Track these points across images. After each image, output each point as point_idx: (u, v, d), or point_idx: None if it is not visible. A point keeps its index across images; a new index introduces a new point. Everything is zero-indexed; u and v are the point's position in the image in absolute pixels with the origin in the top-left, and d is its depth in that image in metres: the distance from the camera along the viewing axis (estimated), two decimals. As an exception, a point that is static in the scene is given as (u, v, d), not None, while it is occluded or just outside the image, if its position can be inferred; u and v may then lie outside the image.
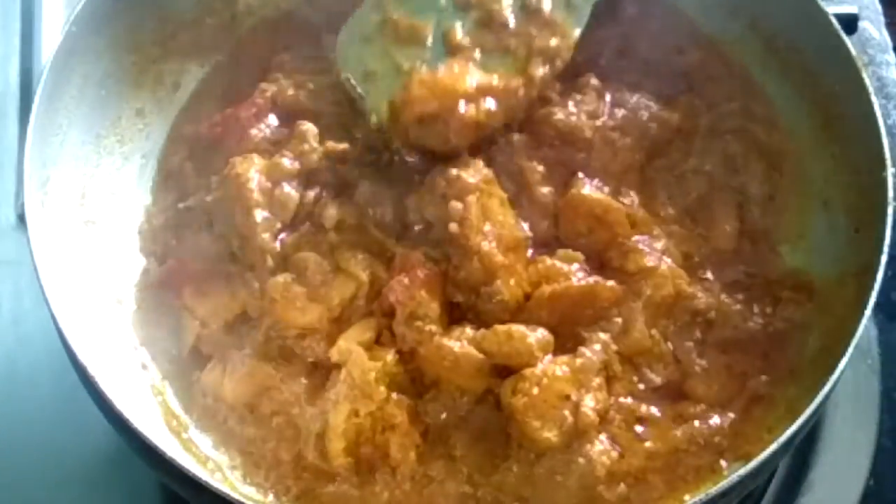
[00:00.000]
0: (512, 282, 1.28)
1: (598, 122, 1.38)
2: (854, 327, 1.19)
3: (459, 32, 1.35)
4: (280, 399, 1.27)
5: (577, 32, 1.37)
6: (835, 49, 1.35)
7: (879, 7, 1.76)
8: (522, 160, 1.36)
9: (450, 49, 1.34)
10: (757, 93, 1.45)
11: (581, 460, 1.21)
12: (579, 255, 1.31)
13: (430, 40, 1.35)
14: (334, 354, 1.26)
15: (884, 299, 1.52)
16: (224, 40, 1.53)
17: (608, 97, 1.41)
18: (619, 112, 1.39)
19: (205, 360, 1.31)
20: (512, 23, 1.35)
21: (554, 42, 1.35)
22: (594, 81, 1.41)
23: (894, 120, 1.67)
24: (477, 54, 1.34)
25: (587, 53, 1.42)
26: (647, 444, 1.24)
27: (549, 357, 1.24)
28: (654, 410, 1.26)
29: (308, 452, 1.24)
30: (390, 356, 1.25)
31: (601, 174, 1.37)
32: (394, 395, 1.24)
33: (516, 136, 1.37)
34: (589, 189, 1.35)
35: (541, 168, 1.36)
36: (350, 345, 1.25)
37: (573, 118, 1.37)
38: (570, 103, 1.38)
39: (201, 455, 1.26)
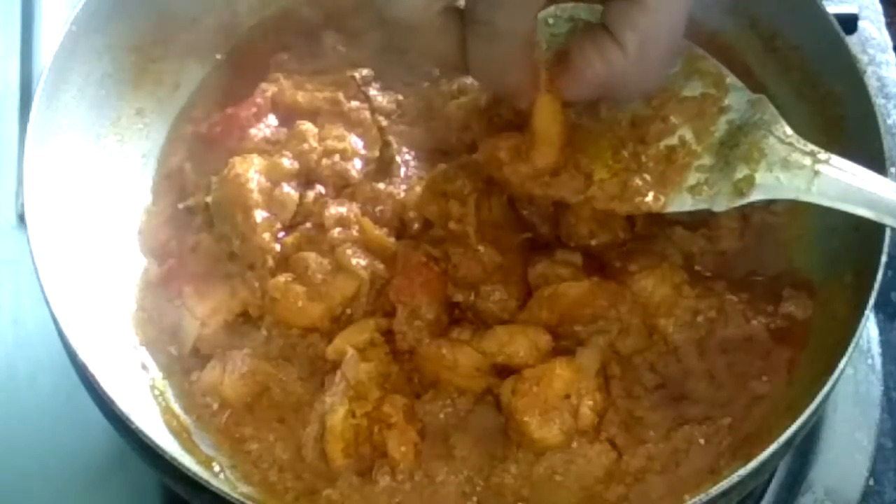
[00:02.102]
0: (511, 281, 1.28)
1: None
2: (854, 327, 1.19)
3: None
4: (280, 399, 1.27)
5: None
6: (835, 49, 1.35)
7: (879, 7, 1.76)
8: None
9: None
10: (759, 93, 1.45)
11: (580, 460, 1.21)
12: (578, 255, 1.31)
13: None
14: (330, 353, 1.26)
15: (884, 299, 1.52)
16: (224, 40, 1.53)
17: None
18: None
19: (205, 360, 1.31)
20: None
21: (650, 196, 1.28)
22: None
23: (894, 120, 1.68)
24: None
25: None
26: (647, 444, 1.24)
27: (548, 357, 1.24)
28: (654, 410, 1.26)
29: (307, 453, 1.24)
30: (383, 356, 1.25)
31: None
32: (389, 395, 1.24)
33: None
34: None
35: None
36: (344, 345, 1.25)
37: None
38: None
39: (201, 455, 1.25)
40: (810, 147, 1.23)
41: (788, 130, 1.25)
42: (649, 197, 1.26)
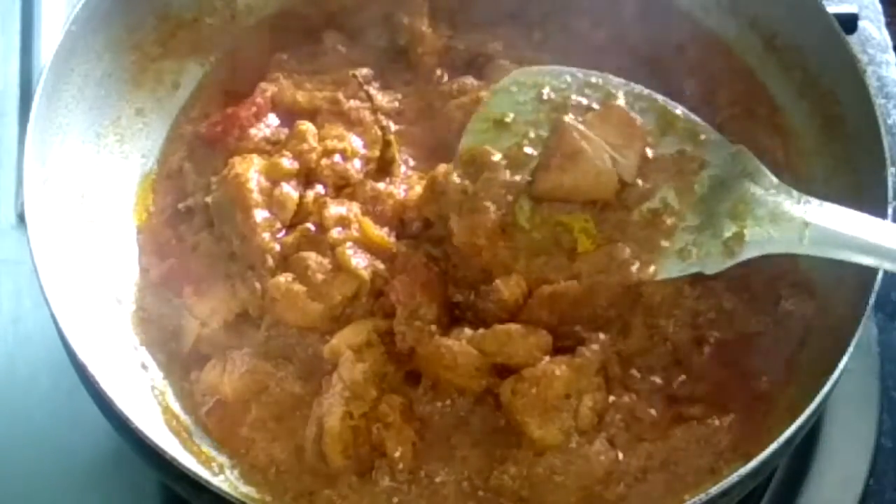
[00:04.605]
0: (511, 281, 1.28)
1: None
2: (854, 327, 1.19)
3: None
4: (279, 399, 1.27)
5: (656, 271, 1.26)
6: (835, 49, 1.35)
7: (879, 7, 1.76)
8: None
9: None
10: (759, 94, 1.45)
11: (580, 460, 1.21)
12: (579, 255, 1.31)
13: None
14: (327, 353, 1.26)
15: (884, 299, 1.52)
16: (224, 40, 1.53)
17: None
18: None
19: (205, 359, 1.31)
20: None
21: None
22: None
23: (894, 120, 1.67)
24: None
25: (586, 54, 1.42)
26: (647, 444, 1.24)
27: (548, 357, 1.24)
28: (654, 410, 1.26)
29: (307, 454, 1.24)
30: (379, 356, 1.25)
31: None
32: (386, 395, 1.24)
33: None
34: None
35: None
36: (341, 346, 1.25)
37: None
38: None
39: (201, 455, 1.26)
40: (797, 195, 1.23)
41: (774, 179, 1.25)
42: (637, 267, 1.25)
